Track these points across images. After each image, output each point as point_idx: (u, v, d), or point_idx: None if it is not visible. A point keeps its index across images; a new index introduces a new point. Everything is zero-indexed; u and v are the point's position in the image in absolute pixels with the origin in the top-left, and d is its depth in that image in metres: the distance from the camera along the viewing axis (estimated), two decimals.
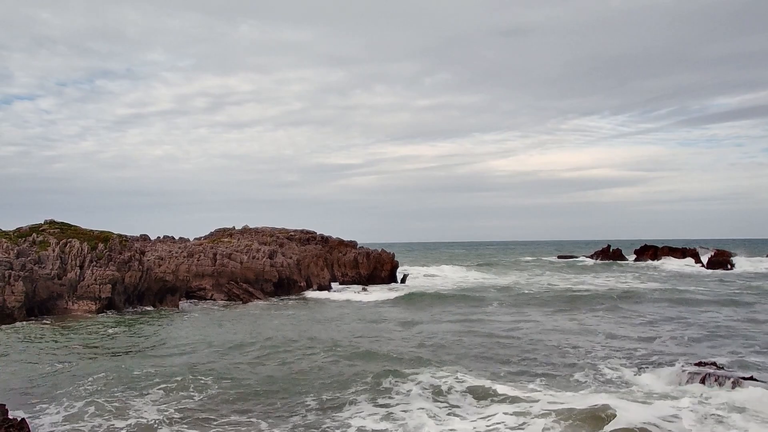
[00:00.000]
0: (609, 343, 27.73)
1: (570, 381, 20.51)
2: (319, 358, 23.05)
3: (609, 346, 26.84)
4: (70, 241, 41.93)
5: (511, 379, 20.31)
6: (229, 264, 51.89)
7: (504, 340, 27.61)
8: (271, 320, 36.30)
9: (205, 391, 19.19)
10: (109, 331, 32.35)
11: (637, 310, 39.63)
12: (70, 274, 40.00)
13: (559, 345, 26.55)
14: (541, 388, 18.90)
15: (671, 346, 26.99)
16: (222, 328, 32.75)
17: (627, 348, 26.55)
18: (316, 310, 40.51)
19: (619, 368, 22.39)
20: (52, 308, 39.24)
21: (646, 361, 23.89)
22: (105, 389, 19.40)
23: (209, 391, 19.28)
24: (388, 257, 65.45)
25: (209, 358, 24.20)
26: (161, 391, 19.20)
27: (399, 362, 21.81)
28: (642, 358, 24.35)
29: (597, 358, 24.39)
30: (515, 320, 34.50)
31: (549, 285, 59.89)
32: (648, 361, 23.89)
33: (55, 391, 19.40)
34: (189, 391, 19.17)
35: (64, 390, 19.34)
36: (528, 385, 19.21)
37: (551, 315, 37.10)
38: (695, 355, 24.66)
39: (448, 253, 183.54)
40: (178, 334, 30.53)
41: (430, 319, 35.14)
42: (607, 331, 30.80)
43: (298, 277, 54.55)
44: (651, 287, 56.69)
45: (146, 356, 24.93)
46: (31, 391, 19.63)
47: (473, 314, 36.97)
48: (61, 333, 31.51)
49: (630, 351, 25.89)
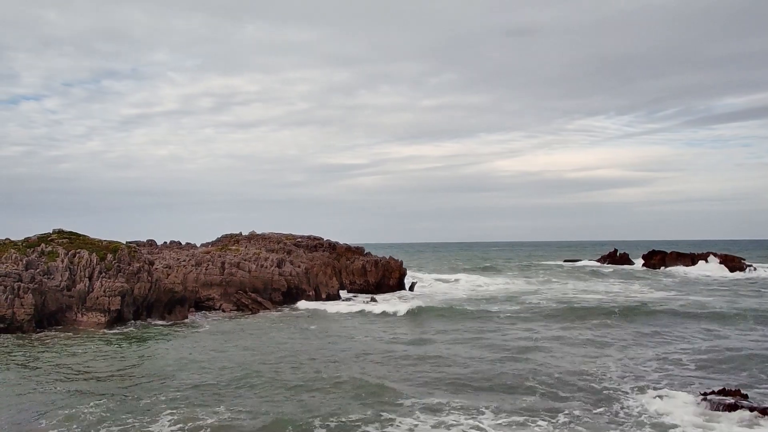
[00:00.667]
0: (626, 365, 27.31)
1: (594, 416, 20.09)
2: (325, 395, 22.20)
3: (626, 369, 26.43)
4: (79, 252, 41.74)
5: (533, 415, 19.82)
6: (238, 273, 51.63)
7: (518, 365, 26.53)
8: (276, 340, 35.22)
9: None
10: (113, 349, 32.01)
11: (651, 324, 39.16)
12: (79, 286, 39.81)
13: (578, 371, 25.97)
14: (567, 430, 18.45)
15: (689, 367, 26.57)
16: (227, 351, 31.57)
17: (643, 370, 26.16)
18: (324, 327, 39.49)
19: (639, 396, 21.98)
20: (62, 320, 39.06)
21: (662, 384, 23.47)
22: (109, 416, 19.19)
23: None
24: (396, 265, 65.12)
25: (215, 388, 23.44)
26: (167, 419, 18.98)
27: (409, 405, 20.94)
28: (657, 382, 23.93)
29: (615, 382, 23.99)
30: (526, 340, 33.47)
31: (559, 294, 59.38)
32: (664, 384, 23.48)
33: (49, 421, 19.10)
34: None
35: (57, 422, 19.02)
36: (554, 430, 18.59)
37: (564, 332, 36.43)
38: (715, 379, 24.28)
39: (453, 255, 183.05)
40: (183, 355, 29.70)
41: (441, 339, 34.13)
42: (621, 351, 30.36)
43: (306, 286, 54.26)
44: (662, 297, 56.24)
45: (151, 382, 24.56)
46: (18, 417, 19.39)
47: (483, 333, 35.77)
48: (65, 351, 31.19)
49: (645, 373, 25.50)
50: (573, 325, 39.39)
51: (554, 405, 20.94)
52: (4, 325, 35.71)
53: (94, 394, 21.79)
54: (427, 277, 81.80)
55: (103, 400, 20.95)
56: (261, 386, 23.10)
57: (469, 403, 20.78)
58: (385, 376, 24.78)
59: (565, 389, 22.90)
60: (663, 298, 54.86)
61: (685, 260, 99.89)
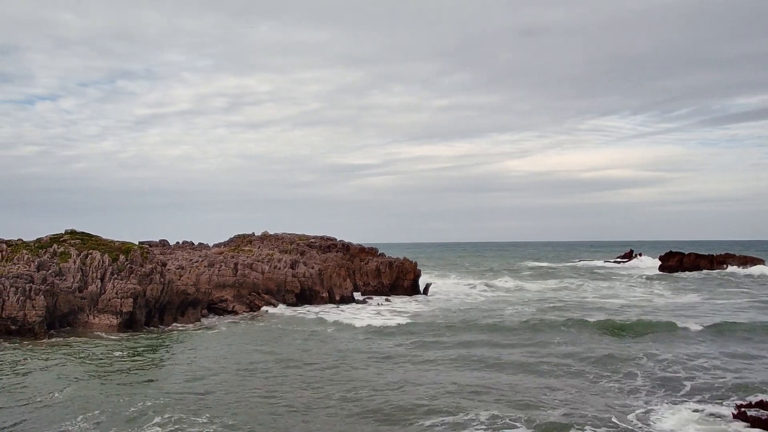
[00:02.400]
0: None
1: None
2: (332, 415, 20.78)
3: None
4: (91, 253, 41.23)
5: None
6: (251, 274, 51.02)
7: (542, 398, 22.63)
8: (283, 346, 33.70)
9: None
10: (122, 355, 31.19)
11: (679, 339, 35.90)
12: (91, 287, 39.31)
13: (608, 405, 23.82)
14: None
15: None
16: (238, 354, 30.51)
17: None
18: (333, 335, 37.58)
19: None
20: (74, 322, 38.58)
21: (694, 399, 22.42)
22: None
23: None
24: (410, 266, 64.23)
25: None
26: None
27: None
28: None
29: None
30: (546, 364, 28.53)
31: (577, 300, 58.01)
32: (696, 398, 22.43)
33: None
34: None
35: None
36: None
37: (587, 352, 30.86)
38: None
39: (465, 255, 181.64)
40: (189, 364, 28.54)
41: (453, 357, 30.08)
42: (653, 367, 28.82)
43: (320, 288, 53.56)
44: (688, 302, 54.92)
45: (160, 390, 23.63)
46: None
47: (499, 353, 31.15)
48: (72, 357, 30.38)
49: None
50: (599, 344, 33.08)
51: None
52: (16, 327, 35.26)
53: (88, 405, 21.03)
54: (442, 279, 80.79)
55: (95, 412, 20.26)
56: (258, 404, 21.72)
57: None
58: (403, 405, 22.55)
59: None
60: (688, 304, 53.25)
61: (703, 262, 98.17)
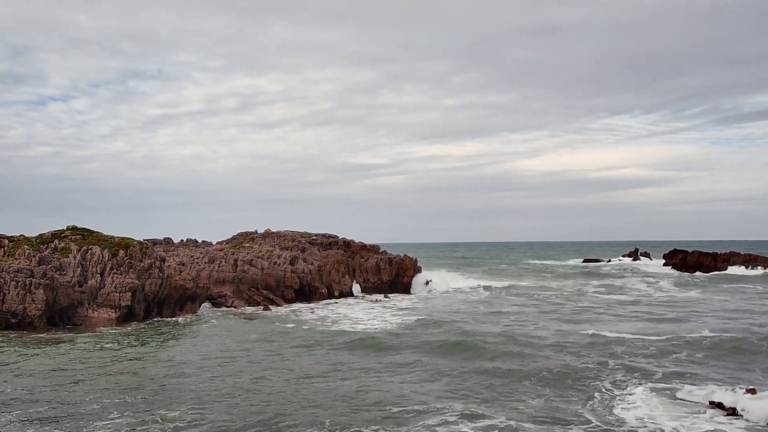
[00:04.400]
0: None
1: None
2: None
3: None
4: (91, 248, 41.90)
5: None
6: (250, 270, 51.58)
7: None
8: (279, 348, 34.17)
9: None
10: (109, 347, 31.62)
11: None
12: (91, 282, 39.95)
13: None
14: None
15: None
16: (220, 350, 30.03)
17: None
18: (325, 335, 35.31)
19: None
20: (73, 316, 39.23)
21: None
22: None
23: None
24: (411, 263, 64.60)
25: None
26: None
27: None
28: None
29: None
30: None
31: (584, 304, 57.96)
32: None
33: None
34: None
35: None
36: None
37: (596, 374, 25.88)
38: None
39: (474, 255, 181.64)
40: (177, 357, 28.47)
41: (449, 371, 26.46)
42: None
43: (319, 284, 54.05)
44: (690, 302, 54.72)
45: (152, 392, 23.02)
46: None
47: (500, 367, 26.74)
48: (59, 353, 30.23)
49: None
50: (609, 354, 29.30)
51: None
52: (16, 321, 35.96)
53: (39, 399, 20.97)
54: (443, 275, 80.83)
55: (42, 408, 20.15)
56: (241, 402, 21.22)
57: None
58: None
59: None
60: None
61: (707, 260, 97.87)
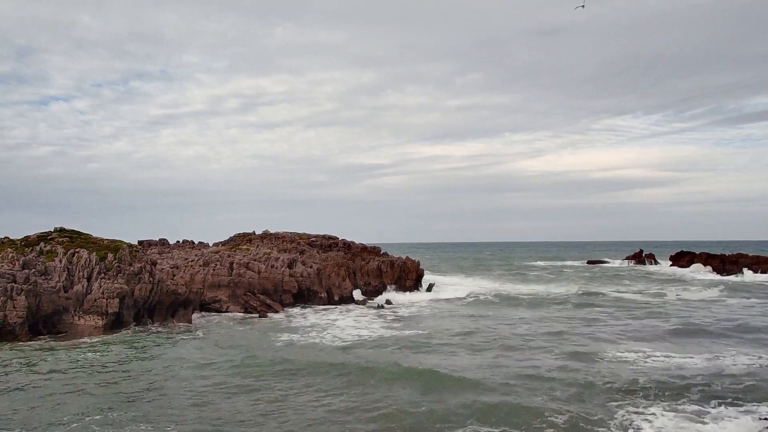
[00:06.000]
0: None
1: None
2: None
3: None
4: (78, 252, 39.74)
5: None
6: (246, 274, 49.41)
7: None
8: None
9: None
10: (99, 357, 29.61)
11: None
12: (77, 287, 37.78)
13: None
14: None
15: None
16: (205, 363, 27.91)
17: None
18: (319, 347, 32.46)
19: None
20: (58, 323, 37.04)
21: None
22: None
23: None
24: (413, 265, 62.47)
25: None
26: None
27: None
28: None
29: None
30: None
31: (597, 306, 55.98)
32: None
33: None
34: None
35: None
36: None
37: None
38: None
39: (478, 256, 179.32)
40: (162, 370, 26.51)
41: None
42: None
43: (318, 288, 51.88)
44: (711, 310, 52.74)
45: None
46: None
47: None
48: (38, 365, 28.19)
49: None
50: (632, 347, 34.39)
51: None
52: None
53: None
54: (446, 279, 78.97)
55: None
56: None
57: None
58: None
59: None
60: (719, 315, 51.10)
61: (715, 262, 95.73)
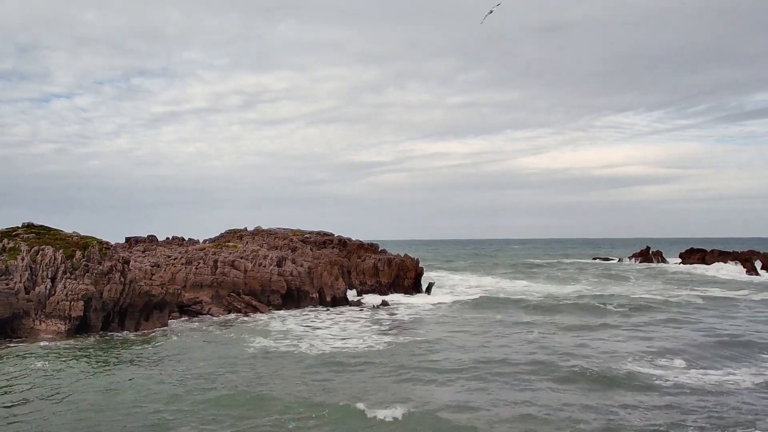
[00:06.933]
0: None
1: None
2: None
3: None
4: (43, 249, 36.29)
5: None
6: (231, 273, 45.92)
7: None
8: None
9: None
10: (51, 368, 26.07)
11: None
12: (40, 288, 34.34)
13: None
14: None
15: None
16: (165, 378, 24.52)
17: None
18: (291, 361, 27.56)
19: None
20: (18, 328, 33.60)
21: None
22: None
23: None
24: (412, 263, 58.91)
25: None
26: None
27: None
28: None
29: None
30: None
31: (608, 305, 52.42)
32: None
33: None
34: None
35: None
36: None
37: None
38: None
39: (480, 253, 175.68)
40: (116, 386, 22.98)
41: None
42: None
43: (309, 288, 48.33)
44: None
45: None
46: None
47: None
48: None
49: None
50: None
51: None
52: None
53: None
54: (448, 277, 75.50)
55: None
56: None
57: None
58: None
59: None
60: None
61: (728, 259, 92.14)
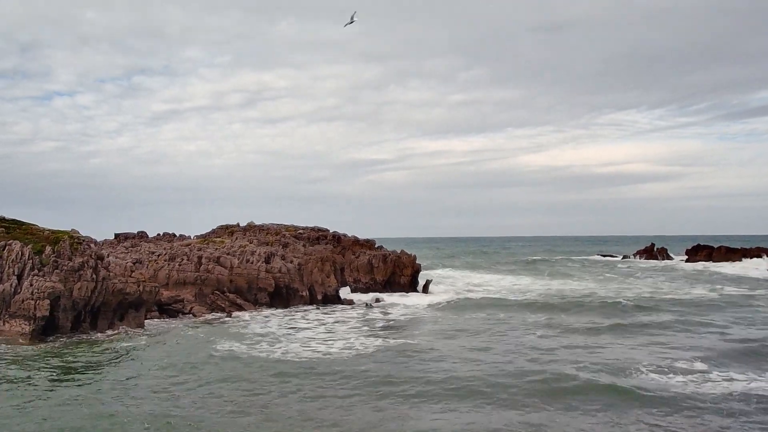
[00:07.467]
0: None
1: None
2: None
3: None
4: (10, 244, 33.82)
5: None
6: (216, 270, 43.46)
7: None
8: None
9: None
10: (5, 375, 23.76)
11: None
12: (5, 285, 31.91)
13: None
14: None
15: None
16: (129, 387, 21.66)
17: None
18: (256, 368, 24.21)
19: None
20: None
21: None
22: None
23: None
24: (408, 260, 56.40)
25: None
26: None
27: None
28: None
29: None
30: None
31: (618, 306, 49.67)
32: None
33: None
34: None
35: None
36: None
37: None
38: None
39: (481, 251, 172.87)
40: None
41: None
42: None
43: (299, 285, 45.84)
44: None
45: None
46: None
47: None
48: None
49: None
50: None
51: None
52: None
53: None
54: (446, 274, 73.01)
55: None
56: None
57: None
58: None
59: None
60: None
61: (736, 256, 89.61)
